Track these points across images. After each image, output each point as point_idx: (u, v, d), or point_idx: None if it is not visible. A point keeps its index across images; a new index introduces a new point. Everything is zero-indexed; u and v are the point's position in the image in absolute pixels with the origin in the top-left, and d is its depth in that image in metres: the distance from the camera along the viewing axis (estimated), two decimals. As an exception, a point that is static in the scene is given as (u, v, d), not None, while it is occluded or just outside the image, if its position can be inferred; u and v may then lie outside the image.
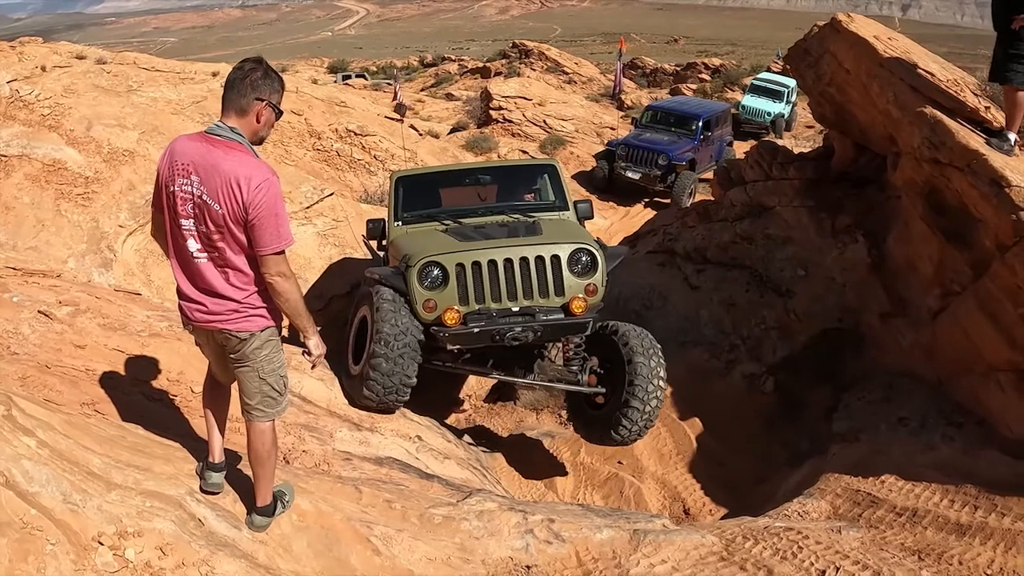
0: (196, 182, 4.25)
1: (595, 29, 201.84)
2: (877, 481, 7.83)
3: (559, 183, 10.24)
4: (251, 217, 4.20)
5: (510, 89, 32.38)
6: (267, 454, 4.75)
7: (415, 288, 8.09)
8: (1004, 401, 8.17)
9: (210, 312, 4.48)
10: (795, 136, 33.08)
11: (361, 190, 19.67)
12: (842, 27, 11.29)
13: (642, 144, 23.74)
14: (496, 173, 11.23)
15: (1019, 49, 8.43)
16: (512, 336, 7.96)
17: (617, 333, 8.81)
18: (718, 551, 5.88)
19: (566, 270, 8.24)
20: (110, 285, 10.41)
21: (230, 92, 4.33)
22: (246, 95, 4.30)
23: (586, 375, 9.00)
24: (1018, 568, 6.13)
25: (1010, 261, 7.99)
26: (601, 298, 8.43)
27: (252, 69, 4.34)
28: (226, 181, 4.18)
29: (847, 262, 11.26)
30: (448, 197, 10.57)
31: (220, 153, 4.24)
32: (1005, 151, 8.60)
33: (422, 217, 9.74)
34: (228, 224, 4.25)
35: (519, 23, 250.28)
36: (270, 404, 4.74)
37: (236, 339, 4.53)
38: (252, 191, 4.16)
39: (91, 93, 15.93)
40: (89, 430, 5.07)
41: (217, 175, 4.19)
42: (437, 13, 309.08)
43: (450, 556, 5.28)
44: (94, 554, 4.10)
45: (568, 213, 9.89)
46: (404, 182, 10.17)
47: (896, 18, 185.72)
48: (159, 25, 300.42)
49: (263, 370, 4.65)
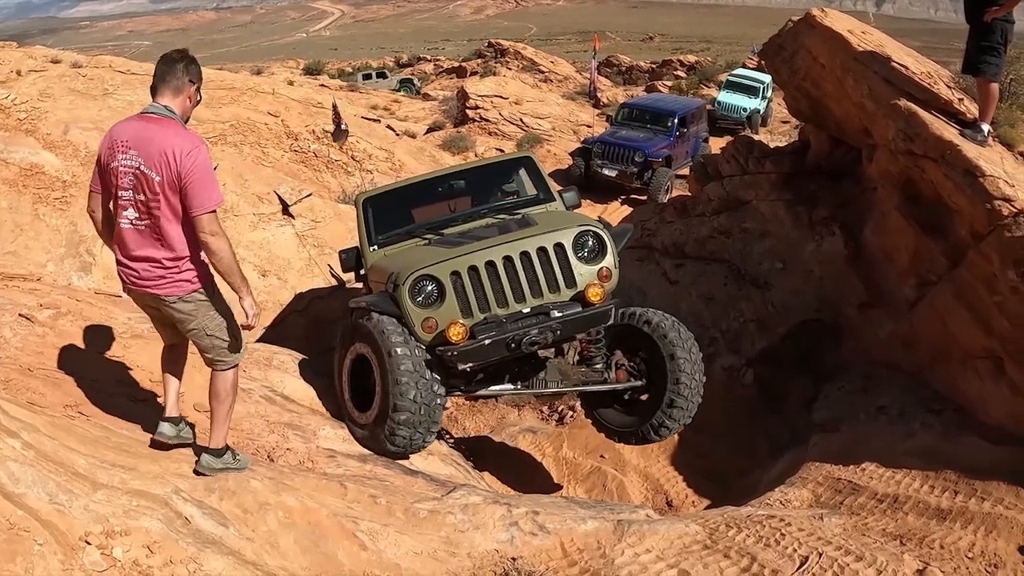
0: (134, 155, 4.80)
1: (570, 28, 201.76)
2: (858, 469, 7.90)
3: (538, 175, 9.48)
4: (184, 182, 4.74)
5: (486, 88, 32.46)
6: (225, 394, 5.30)
7: (409, 308, 7.25)
8: (981, 388, 8.27)
9: (142, 277, 5.00)
10: (771, 131, 33.26)
11: (339, 191, 19.65)
12: (816, 22, 11.36)
13: (618, 141, 23.80)
14: (470, 175, 10.18)
15: (991, 42, 8.55)
16: (530, 341, 7.07)
17: (650, 323, 8.08)
18: (702, 539, 5.92)
19: (573, 257, 7.53)
20: (90, 288, 10.39)
21: (166, 75, 4.97)
22: (180, 78, 4.96)
23: (613, 372, 8.21)
24: (999, 551, 6.20)
25: (985, 250, 8.08)
26: (617, 282, 7.73)
27: (183, 57, 5.03)
28: (161, 151, 4.74)
29: (824, 254, 11.34)
30: (423, 209, 9.68)
31: (155, 127, 4.84)
32: (979, 142, 8.70)
33: (399, 236, 8.83)
34: (165, 191, 4.78)
35: (494, 22, 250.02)
36: (225, 355, 5.26)
37: (165, 303, 5.06)
38: (184, 158, 4.72)
39: (67, 97, 15.89)
40: (73, 431, 5.09)
41: (153, 147, 4.76)
42: (412, 13, 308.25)
43: (436, 550, 5.30)
44: (82, 554, 4.11)
45: (555, 204, 9.07)
46: (372, 203, 9.26)
47: (870, 13, 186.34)
48: (133, 28, 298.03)
49: (208, 328, 5.16)
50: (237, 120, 20.78)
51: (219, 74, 24.15)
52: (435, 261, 7.43)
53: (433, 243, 8.27)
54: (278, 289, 12.65)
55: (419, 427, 7.00)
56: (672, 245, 14.10)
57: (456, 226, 8.66)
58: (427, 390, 6.99)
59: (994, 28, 8.51)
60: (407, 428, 6.94)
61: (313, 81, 48.10)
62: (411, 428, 6.96)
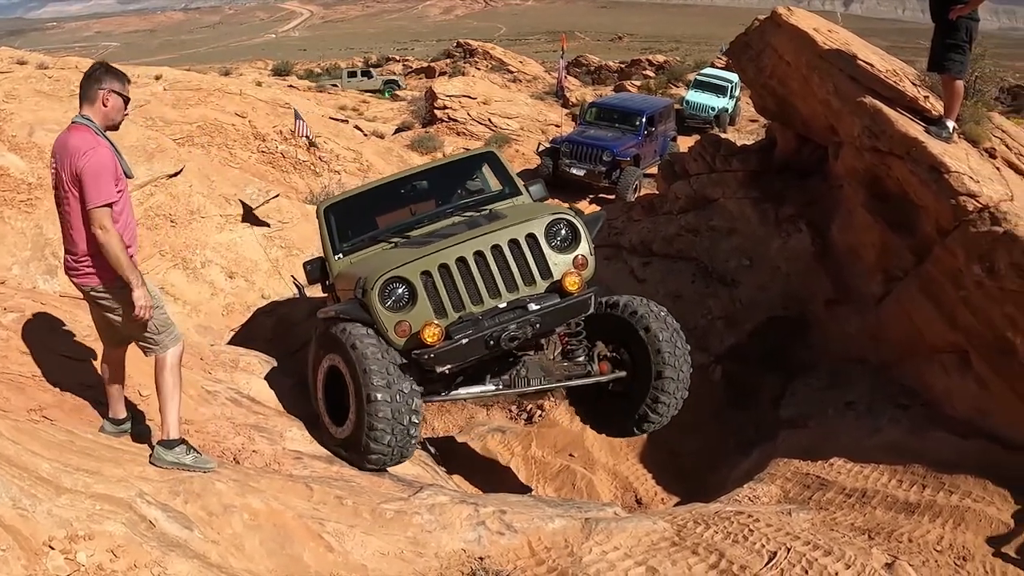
0: (57, 158, 5.31)
1: (540, 28, 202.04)
2: (826, 464, 7.94)
3: (502, 169, 9.20)
4: (81, 178, 5.14)
5: (454, 88, 32.49)
6: (163, 383, 5.53)
7: (380, 313, 6.91)
8: (948, 382, 8.34)
9: (66, 266, 5.49)
10: (739, 130, 33.40)
11: (307, 191, 19.58)
12: (782, 20, 11.40)
13: (586, 141, 23.86)
14: (433, 175, 9.76)
15: (956, 39, 8.62)
16: (509, 336, 6.79)
17: (636, 314, 7.85)
18: (670, 536, 5.92)
19: (546, 247, 7.23)
20: (55, 291, 10.28)
21: (83, 88, 5.44)
22: (92, 87, 5.40)
23: (596, 364, 7.89)
24: (967, 543, 6.26)
25: (950, 245, 8.15)
26: (593, 270, 7.43)
27: (95, 68, 5.54)
28: (68, 152, 5.21)
29: (791, 251, 11.38)
30: (386, 212, 9.37)
31: (69, 133, 5.33)
32: (944, 139, 8.76)
33: (364, 242, 8.50)
34: (69, 187, 5.23)
35: (464, 23, 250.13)
36: (152, 341, 5.55)
37: (83, 291, 5.52)
38: (80, 156, 5.14)
39: (33, 98, 15.72)
40: (37, 435, 5.03)
41: (65, 149, 5.24)
42: (381, 14, 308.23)
43: (403, 550, 5.28)
44: (45, 558, 4.06)
45: (522, 197, 8.76)
46: (334, 210, 8.96)
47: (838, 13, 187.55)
48: (101, 29, 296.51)
49: (127, 315, 5.41)
50: (204, 121, 20.70)
51: (186, 75, 24.06)
52: (404, 262, 7.11)
53: (400, 245, 8.03)
54: (245, 291, 12.58)
55: (395, 445, 6.70)
56: (640, 243, 14.11)
57: (422, 227, 8.36)
58: (403, 406, 6.66)
59: (959, 26, 8.59)
60: (383, 446, 6.65)
61: (282, 82, 48.02)
62: (387, 446, 6.67)
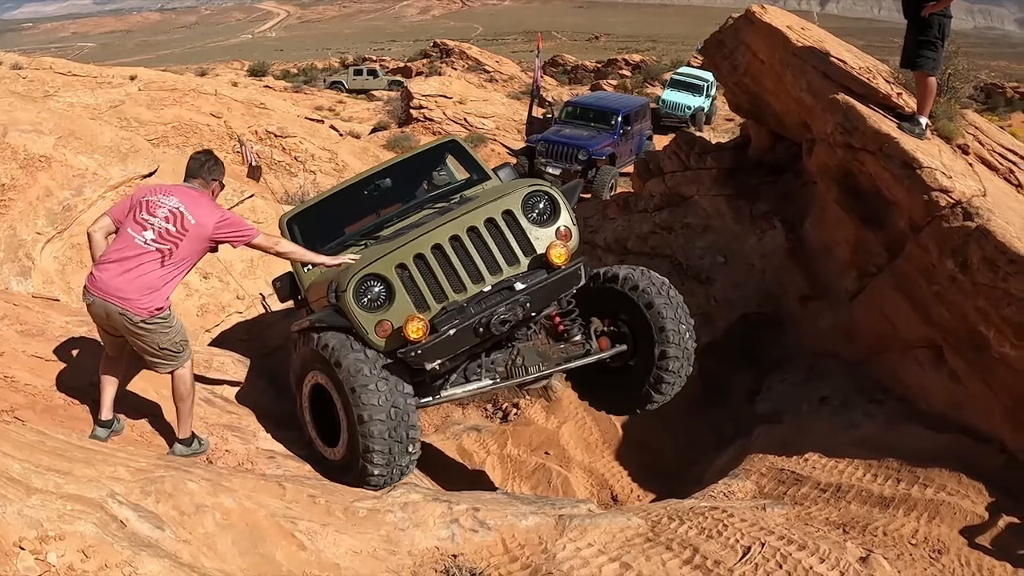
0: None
1: (517, 27, 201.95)
2: (801, 459, 7.96)
3: (468, 157, 8.81)
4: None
5: (430, 88, 32.56)
6: (186, 392, 6.14)
7: (357, 315, 6.40)
8: (922, 377, 8.40)
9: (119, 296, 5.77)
10: (715, 129, 33.65)
11: (281, 191, 19.53)
12: (756, 18, 11.43)
13: (562, 140, 23.84)
14: (396, 170, 9.15)
15: (929, 36, 8.69)
16: (499, 320, 6.33)
17: (637, 288, 7.40)
18: (644, 532, 5.92)
19: (525, 222, 6.79)
20: (28, 292, 10.23)
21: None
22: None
23: (595, 341, 7.49)
24: (942, 536, 6.30)
25: (923, 240, 8.19)
26: (578, 241, 7.02)
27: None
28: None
29: (766, 248, 11.42)
30: (352, 214, 8.87)
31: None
32: (917, 135, 8.81)
33: (333, 250, 7.74)
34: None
35: (440, 23, 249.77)
36: (173, 361, 6.05)
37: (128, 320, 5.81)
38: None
39: (6, 99, 15.56)
40: (7, 436, 4.99)
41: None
42: (358, 14, 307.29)
43: (376, 548, 5.26)
44: (15, 559, 4.03)
45: (491, 182, 8.32)
46: (297, 221, 8.47)
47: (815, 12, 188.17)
48: (77, 30, 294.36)
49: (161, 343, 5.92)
50: (179, 122, 20.63)
51: (161, 75, 23.96)
52: (377, 258, 6.61)
53: (371, 245, 7.52)
54: (219, 291, 12.52)
55: (395, 464, 6.30)
56: (615, 242, 14.10)
57: (392, 225, 7.93)
58: (399, 423, 6.23)
59: (932, 23, 8.64)
60: (381, 467, 6.25)
61: (258, 82, 47.91)
62: (386, 467, 6.27)
